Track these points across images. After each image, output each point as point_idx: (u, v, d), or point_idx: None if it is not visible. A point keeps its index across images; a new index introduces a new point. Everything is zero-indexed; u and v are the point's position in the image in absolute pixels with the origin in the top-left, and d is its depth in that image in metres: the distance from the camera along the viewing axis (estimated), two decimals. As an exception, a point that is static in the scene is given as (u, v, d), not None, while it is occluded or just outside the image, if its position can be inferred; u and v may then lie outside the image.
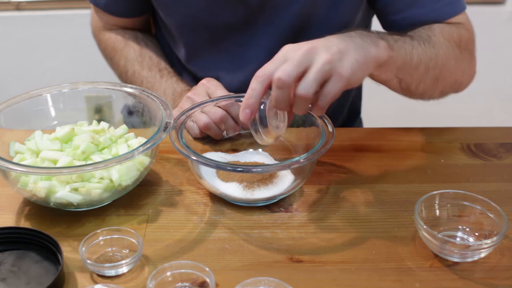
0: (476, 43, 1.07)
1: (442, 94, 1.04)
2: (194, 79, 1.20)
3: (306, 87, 0.75)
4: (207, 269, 0.71)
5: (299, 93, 0.75)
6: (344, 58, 0.76)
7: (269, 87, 0.78)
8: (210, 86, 1.01)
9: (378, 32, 0.89)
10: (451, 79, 1.01)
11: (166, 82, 1.12)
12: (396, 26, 1.06)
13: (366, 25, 1.19)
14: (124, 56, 1.19)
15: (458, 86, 1.05)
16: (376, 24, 1.15)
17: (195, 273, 0.72)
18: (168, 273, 0.72)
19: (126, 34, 1.21)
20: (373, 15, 1.20)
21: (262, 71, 0.77)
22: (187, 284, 0.72)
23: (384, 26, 1.12)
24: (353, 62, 0.77)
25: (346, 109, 1.28)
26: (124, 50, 1.19)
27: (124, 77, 1.19)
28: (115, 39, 1.21)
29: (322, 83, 0.76)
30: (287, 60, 0.76)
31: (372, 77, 0.91)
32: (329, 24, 1.09)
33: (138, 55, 1.18)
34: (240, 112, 0.79)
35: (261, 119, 0.81)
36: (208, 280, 0.71)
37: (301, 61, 0.75)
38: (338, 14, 1.08)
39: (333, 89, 0.76)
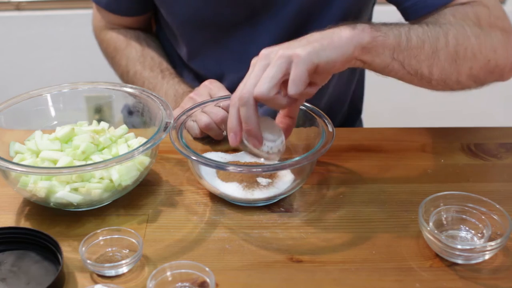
0: (508, 18, 0.97)
1: (476, 80, 0.93)
2: (195, 78, 1.20)
3: (260, 87, 0.76)
4: (207, 269, 0.71)
5: (254, 95, 0.76)
6: (301, 46, 0.77)
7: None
8: (212, 88, 1.01)
9: (361, 22, 0.85)
10: (478, 60, 0.90)
11: (168, 83, 1.12)
12: (410, 13, 1.01)
13: (367, 18, 1.19)
14: (125, 56, 1.19)
15: (494, 69, 0.93)
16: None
17: (195, 273, 0.72)
18: (168, 273, 0.72)
19: (128, 34, 1.21)
20: (372, 9, 1.19)
21: (233, 94, 0.79)
22: (187, 284, 0.72)
23: (403, 17, 1.04)
24: (314, 45, 0.77)
25: (346, 106, 1.27)
26: (126, 50, 1.19)
27: (126, 77, 1.19)
28: (116, 38, 1.21)
29: (286, 75, 0.77)
30: (249, 75, 0.78)
31: (367, 65, 0.85)
32: (330, 17, 1.08)
33: (140, 55, 1.17)
34: (228, 137, 0.81)
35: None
36: (208, 280, 0.71)
37: (259, 70, 0.77)
38: (338, 7, 1.07)
39: (295, 73, 0.76)
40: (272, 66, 0.77)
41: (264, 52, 0.80)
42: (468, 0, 0.96)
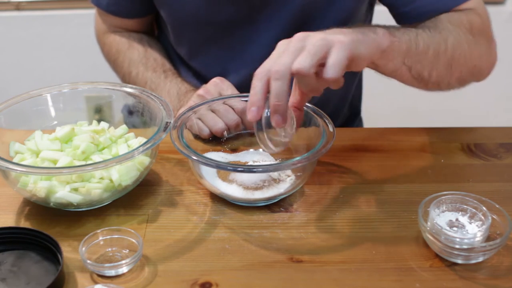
0: (492, 27, 1.05)
1: (461, 81, 1.01)
2: (195, 76, 1.20)
3: (301, 61, 0.73)
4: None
5: (294, 68, 0.74)
6: (341, 33, 0.76)
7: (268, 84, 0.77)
8: (224, 87, 1.00)
9: (377, 25, 0.88)
10: (467, 65, 0.98)
11: (171, 82, 1.12)
12: (406, 18, 1.05)
13: (366, 22, 1.19)
14: (128, 57, 1.18)
15: (478, 73, 1.03)
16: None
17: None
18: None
19: (130, 37, 1.21)
20: (373, 13, 1.20)
21: (260, 69, 0.77)
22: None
23: (395, 20, 1.09)
24: (353, 36, 0.77)
25: (346, 108, 1.28)
26: (128, 51, 1.19)
27: (128, 79, 1.19)
28: (119, 41, 1.21)
29: (323, 58, 0.75)
30: (283, 53, 0.76)
31: (380, 68, 0.87)
32: (329, 19, 1.09)
33: (143, 56, 1.17)
34: (247, 111, 0.78)
35: (267, 125, 0.79)
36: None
37: (295, 49, 0.75)
38: (339, 9, 1.08)
39: (337, 57, 0.74)
40: (313, 45, 0.74)
41: (300, 35, 0.77)
42: (464, 7, 1.02)
